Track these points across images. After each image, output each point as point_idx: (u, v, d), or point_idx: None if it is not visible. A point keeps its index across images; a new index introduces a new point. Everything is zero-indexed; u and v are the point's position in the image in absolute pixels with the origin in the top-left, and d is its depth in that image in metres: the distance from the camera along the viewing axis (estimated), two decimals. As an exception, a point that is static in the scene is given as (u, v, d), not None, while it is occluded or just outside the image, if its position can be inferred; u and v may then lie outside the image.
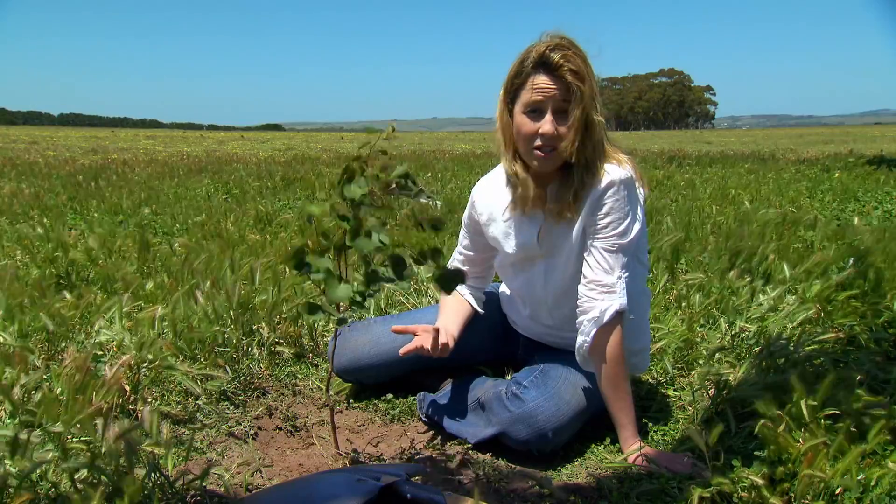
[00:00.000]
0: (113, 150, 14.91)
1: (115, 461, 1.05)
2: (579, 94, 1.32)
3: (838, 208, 4.70)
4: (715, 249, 2.81)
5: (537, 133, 1.36)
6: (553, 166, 1.41)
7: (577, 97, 1.32)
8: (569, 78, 1.32)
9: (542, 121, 1.35)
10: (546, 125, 1.35)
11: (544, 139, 1.36)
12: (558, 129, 1.35)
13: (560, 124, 1.35)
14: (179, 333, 1.80)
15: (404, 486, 1.09)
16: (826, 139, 21.95)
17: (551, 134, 1.35)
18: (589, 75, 1.34)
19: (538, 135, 1.36)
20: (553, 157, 1.38)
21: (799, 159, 9.88)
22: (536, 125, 1.36)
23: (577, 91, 1.32)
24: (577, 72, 1.32)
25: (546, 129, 1.35)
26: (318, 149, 15.78)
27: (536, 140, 1.37)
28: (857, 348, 1.73)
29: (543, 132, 1.35)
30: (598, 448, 1.48)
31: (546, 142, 1.36)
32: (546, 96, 1.34)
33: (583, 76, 1.32)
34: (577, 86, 1.32)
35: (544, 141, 1.36)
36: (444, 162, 9.51)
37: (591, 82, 1.34)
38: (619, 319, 1.38)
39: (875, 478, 1.06)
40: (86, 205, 4.74)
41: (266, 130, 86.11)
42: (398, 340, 1.69)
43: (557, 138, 1.35)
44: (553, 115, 1.35)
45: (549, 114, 1.35)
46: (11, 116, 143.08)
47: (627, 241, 1.39)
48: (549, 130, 1.35)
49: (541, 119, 1.36)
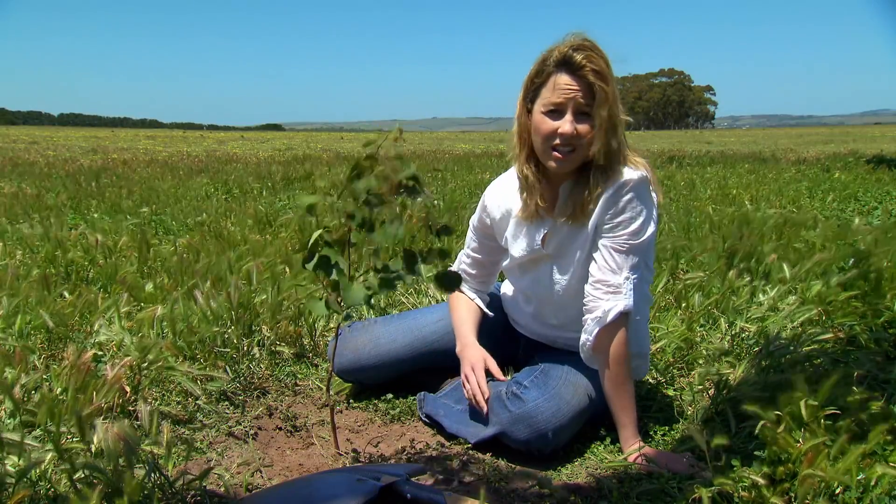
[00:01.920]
0: (113, 150, 14.91)
1: (114, 461, 1.05)
2: (603, 95, 1.31)
3: (838, 208, 4.70)
4: (715, 249, 2.81)
5: (556, 133, 1.35)
6: (570, 168, 1.40)
7: (602, 98, 1.31)
8: (591, 78, 1.31)
9: (561, 120, 1.34)
10: (566, 125, 1.34)
11: (563, 139, 1.35)
12: (578, 129, 1.34)
13: (580, 125, 1.34)
14: (179, 334, 1.80)
15: (404, 486, 1.09)
16: (826, 139, 21.96)
17: (570, 134, 1.34)
18: (611, 77, 1.33)
19: (557, 134, 1.35)
20: (571, 159, 1.37)
21: (799, 159, 9.88)
22: (556, 124, 1.35)
23: (600, 92, 1.31)
24: (599, 72, 1.31)
25: (565, 129, 1.34)
26: (318, 149, 15.78)
27: (555, 139, 1.35)
28: (857, 348, 1.73)
29: (563, 132, 1.34)
30: (598, 448, 1.47)
31: (565, 142, 1.35)
32: (567, 97, 1.33)
33: (606, 77, 1.31)
34: (600, 86, 1.31)
35: (563, 141, 1.35)
36: (444, 162, 9.50)
37: (613, 84, 1.33)
38: (623, 320, 1.38)
39: (875, 478, 1.06)
40: (86, 204, 4.74)
41: (266, 130, 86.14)
42: (398, 341, 1.69)
43: (576, 139, 1.34)
44: (573, 115, 1.34)
45: (569, 114, 1.34)
46: (11, 116, 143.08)
47: (639, 241, 1.38)
48: (568, 130, 1.34)
49: (560, 119, 1.34)
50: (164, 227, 3.99)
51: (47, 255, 2.81)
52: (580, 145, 1.35)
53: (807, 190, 5.62)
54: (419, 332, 1.70)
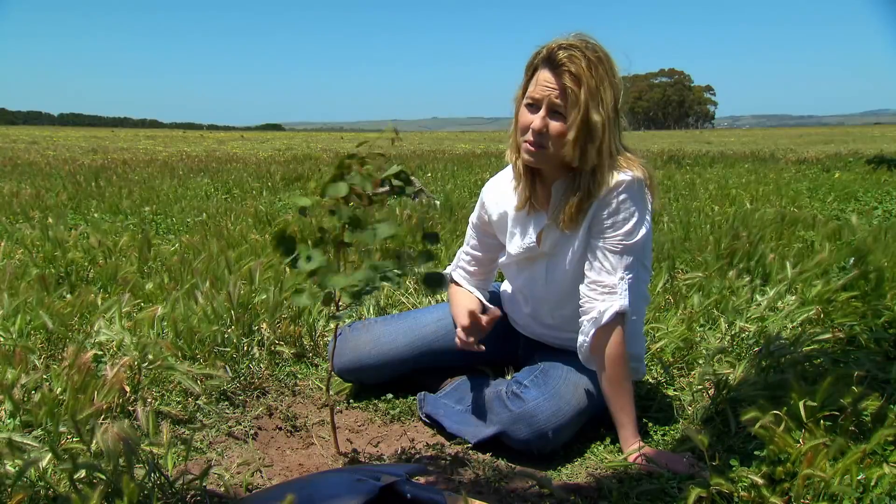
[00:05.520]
0: (113, 149, 14.91)
1: (114, 461, 1.05)
2: (574, 97, 1.31)
3: (838, 208, 4.70)
4: (714, 249, 2.81)
5: (529, 127, 1.36)
6: (542, 164, 1.40)
7: (572, 100, 1.31)
8: (564, 79, 1.31)
9: (535, 115, 1.36)
10: (536, 121, 1.35)
11: (533, 134, 1.36)
12: (548, 126, 1.34)
13: (551, 123, 1.34)
14: (179, 333, 1.80)
15: (404, 486, 1.09)
16: (826, 139, 21.94)
17: (538, 130, 1.35)
18: (595, 79, 1.30)
19: (529, 128, 1.36)
20: (541, 155, 1.37)
21: (799, 159, 9.87)
22: (530, 119, 1.36)
23: (571, 94, 1.31)
24: (574, 74, 1.30)
25: (535, 124, 1.35)
26: (318, 149, 15.77)
27: (528, 134, 1.37)
28: (857, 348, 1.73)
29: (532, 127, 1.35)
30: (598, 448, 1.48)
31: (534, 137, 1.36)
32: (543, 94, 1.34)
33: (580, 79, 1.30)
34: (571, 88, 1.30)
35: (532, 136, 1.36)
36: (443, 162, 9.50)
37: (597, 86, 1.30)
38: (619, 320, 1.38)
39: (875, 478, 1.06)
40: (86, 204, 4.74)
41: (266, 130, 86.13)
42: (398, 340, 1.69)
43: (545, 136, 1.35)
44: (547, 112, 1.34)
45: (542, 110, 1.34)
46: (11, 116, 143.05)
47: (633, 241, 1.38)
48: (537, 126, 1.35)
49: (536, 113, 1.36)
50: (164, 227, 3.99)
51: (47, 255, 2.81)
52: (549, 143, 1.35)
53: (807, 190, 5.62)
54: (419, 331, 1.70)
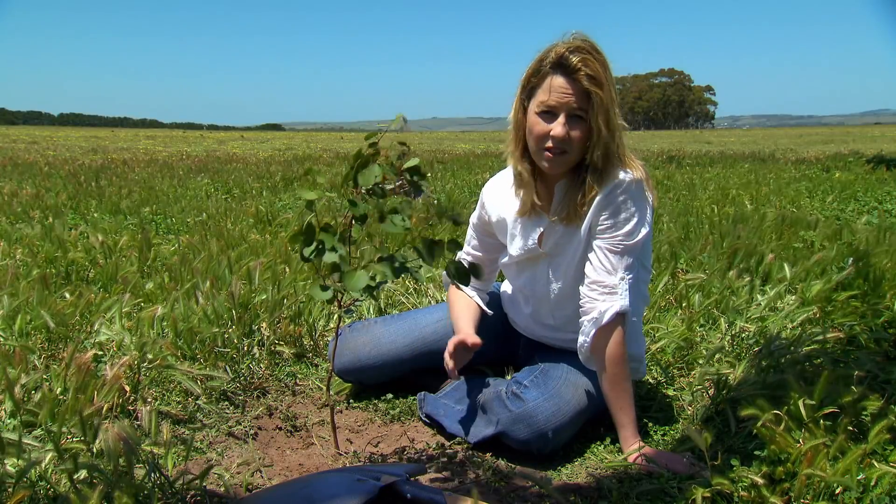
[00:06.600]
0: (113, 149, 14.90)
1: (114, 461, 1.05)
2: (598, 100, 1.31)
3: (838, 208, 4.70)
4: (714, 249, 2.82)
5: (548, 135, 1.35)
6: (561, 169, 1.40)
7: (597, 103, 1.31)
8: (585, 83, 1.30)
9: (554, 123, 1.34)
10: (557, 128, 1.34)
11: (555, 142, 1.35)
12: (570, 133, 1.34)
13: (572, 128, 1.34)
14: (180, 333, 1.80)
15: (404, 486, 1.09)
16: (826, 139, 21.95)
17: (562, 137, 1.34)
18: (608, 81, 1.32)
19: (549, 136, 1.35)
20: (561, 161, 1.37)
21: (799, 159, 9.88)
22: (548, 126, 1.35)
23: (595, 97, 1.31)
24: (594, 77, 1.30)
25: (557, 131, 1.34)
26: (318, 149, 15.77)
27: (547, 141, 1.36)
28: (857, 348, 1.73)
29: (554, 135, 1.34)
30: (598, 448, 1.48)
31: (556, 144, 1.35)
32: (560, 101, 1.33)
33: (601, 82, 1.31)
34: (594, 92, 1.30)
35: (554, 143, 1.35)
36: (443, 161, 9.50)
37: (610, 88, 1.32)
38: (619, 321, 1.38)
39: (875, 478, 1.06)
40: (86, 204, 4.74)
41: (266, 130, 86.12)
42: (398, 341, 1.69)
43: (568, 142, 1.35)
44: (566, 118, 1.34)
45: (562, 116, 1.34)
46: (11, 116, 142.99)
47: (633, 242, 1.38)
48: (559, 133, 1.34)
49: (553, 121, 1.34)
50: (164, 227, 3.99)
51: (47, 255, 2.81)
52: (572, 148, 1.35)
53: (807, 190, 5.62)
54: (419, 332, 1.70)
